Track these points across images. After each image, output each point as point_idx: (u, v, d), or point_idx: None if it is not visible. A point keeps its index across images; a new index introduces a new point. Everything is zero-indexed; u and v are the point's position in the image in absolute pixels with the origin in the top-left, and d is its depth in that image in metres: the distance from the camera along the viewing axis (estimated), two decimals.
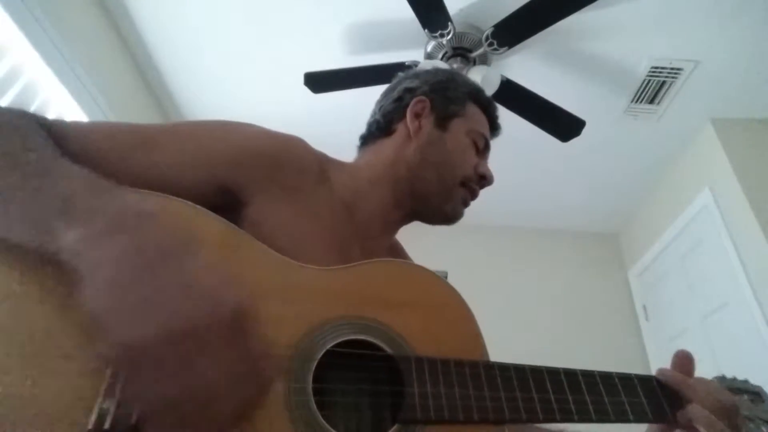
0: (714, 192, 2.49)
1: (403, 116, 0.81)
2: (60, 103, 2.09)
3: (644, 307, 3.07)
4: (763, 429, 0.62)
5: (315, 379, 0.48)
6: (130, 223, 0.39)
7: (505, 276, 3.24)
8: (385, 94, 0.88)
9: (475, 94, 0.85)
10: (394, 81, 0.88)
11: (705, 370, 0.69)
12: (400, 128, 0.81)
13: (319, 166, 0.71)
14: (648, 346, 2.97)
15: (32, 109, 1.90)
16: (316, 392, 0.48)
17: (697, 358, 0.69)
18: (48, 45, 1.93)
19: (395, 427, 0.50)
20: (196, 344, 0.36)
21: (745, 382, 0.68)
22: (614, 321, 3.11)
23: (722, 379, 0.69)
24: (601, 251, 3.43)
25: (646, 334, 3.01)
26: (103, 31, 2.29)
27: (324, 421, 0.47)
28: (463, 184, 0.78)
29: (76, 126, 0.57)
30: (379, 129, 0.83)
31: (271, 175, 0.63)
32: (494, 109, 0.87)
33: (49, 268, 0.41)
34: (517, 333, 2.70)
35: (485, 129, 0.84)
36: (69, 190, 0.42)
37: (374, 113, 0.86)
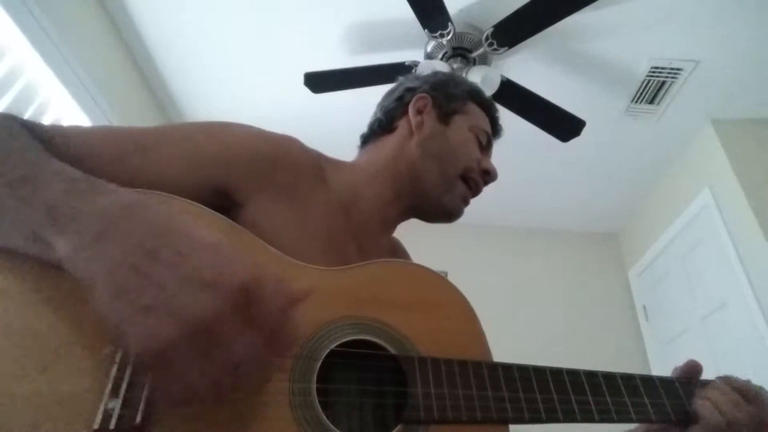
0: (714, 192, 2.49)
1: (405, 113, 0.81)
2: (60, 103, 2.08)
3: (644, 307, 3.07)
4: None
5: (319, 379, 0.48)
6: (116, 224, 0.39)
7: (505, 276, 3.24)
8: (386, 95, 0.88)
9: (475, 94, 0.86)
10: (395, 84, 0.89)
11: (705, 370, 0.69)
12: (401, 125, 0.81)
13: (316, 165, 0.71)
14: (648, 346, 2.97)
15: (32, 108, 1.92)
16: (320, 392, 0.48)
17: (697, 358, 0.69)
18: (48, 45, 1.93)
19: (399, 427, 0.50)
20: (210, 333, 0.36)
21: (747, 382, 0.68)
22: (614, 321, 3.11)
23: (723, 378, 0.70)
24: (601, 251, 3.43)
25: (646, 334, 3.01)
26: (103, 31, 2.29)
27: (328, 421, 0.47)
28: (465, 178, 0.78)
29: (71, 130, 0.57)
30: (380, 126, 0.83)
31: (267, 175, 0.63)
32: (495, 110, 0.87)
33: (51, 270, 0.41)
34: (517, 333, 2.70)
35: (487, 126, 0.84)
36: (52, 197, 0.41)
37: (376, 113, 0.87)
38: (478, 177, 0.80)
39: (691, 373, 0.68)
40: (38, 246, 0.40)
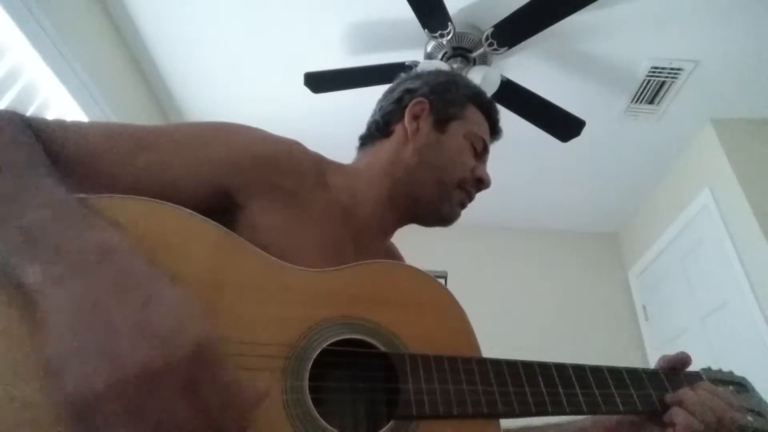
0: (714, 192, 2.49)
1: (402, 117, 0.80)
2: (60, 103, 2.09)
3: (644, 307, 3.07)
4: (749, 417, 0.63)
5: (312, 378, 0.49)
6: (92, 264, 0.38)
7: (505, 276, 3.24)
8: (385, 95, 0.87)
9: (476, 96, 0.84)
10: (396, 81, 0.88)
11: None
12: (398, 129, 0.80)
13: (317, 169, 0.71)
14: (648, 346, 2.97)
15: (32, 108, 1.92)
16: (313, 390, 0.48)
17: (697, 358, 0.70)
18: (48, 45, 1.93)
19: (391, 423, 0.51)
20: (148, 390, 0.33)
21: (730, 373, 0.69)
22: (614, 321, 3.11)
23: (707, 370, 0.71)
24: (601, 251, 3.43)
25: (646, 334, 3.01)
26: (103, 31, 2.29)
27: (321, 418, 0.47)
28: (460, 186, 0.78)
29: (73, 127, 0.57)
30: (378, 129, 0.83)
31: (269, 178, 0.63)
32: (495, 112, 0.86)
33: (18, 299, 0.38)
34: (517, 333, 2.70)
35: (484, 132, 0.83)
36: (34, 222, 0.39)
37: (374, 113, 0.86)
38: (472, 187, 0.80)
39: (677, 365, 0.69)
40: (6, 268, 0.38)
